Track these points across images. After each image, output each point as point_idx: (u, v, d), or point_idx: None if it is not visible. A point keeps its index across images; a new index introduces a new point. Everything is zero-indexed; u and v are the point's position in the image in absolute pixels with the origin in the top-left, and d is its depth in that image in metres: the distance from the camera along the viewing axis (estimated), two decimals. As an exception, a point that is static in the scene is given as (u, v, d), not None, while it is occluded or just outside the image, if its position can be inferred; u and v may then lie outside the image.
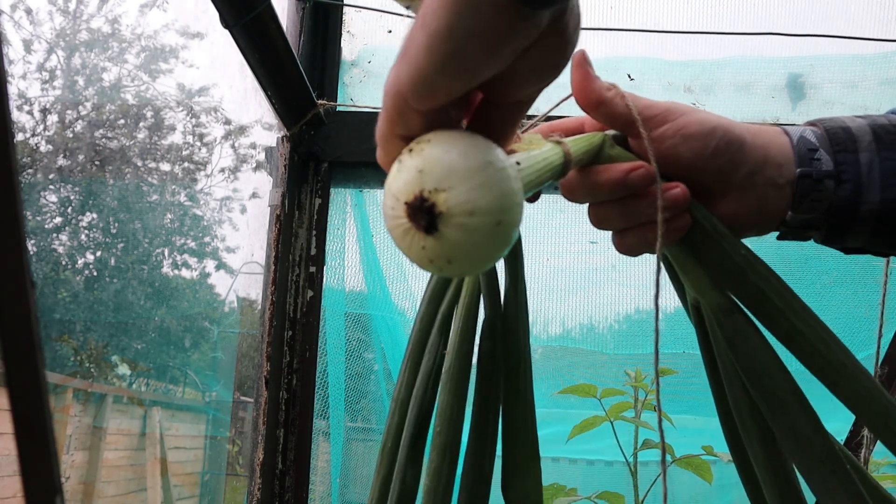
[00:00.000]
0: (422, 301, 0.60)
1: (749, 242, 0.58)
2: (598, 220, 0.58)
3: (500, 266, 0.57)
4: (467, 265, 0.40)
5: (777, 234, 0.61)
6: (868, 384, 0.52)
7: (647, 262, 0.61)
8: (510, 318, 0.57)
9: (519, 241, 0.56)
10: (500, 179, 0.39)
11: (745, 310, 0.55)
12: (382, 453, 0.58)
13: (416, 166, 0.39)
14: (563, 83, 0.49)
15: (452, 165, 0.39)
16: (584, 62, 0.57)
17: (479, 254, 0.40)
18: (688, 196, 0.54)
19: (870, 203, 0.55)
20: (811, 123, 0.59)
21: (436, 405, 0.56)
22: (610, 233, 0.61)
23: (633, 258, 0.61)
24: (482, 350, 0.56)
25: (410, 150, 0.40)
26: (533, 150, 0.49)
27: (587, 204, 0.58)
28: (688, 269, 0.57)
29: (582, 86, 0.56)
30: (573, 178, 0.56)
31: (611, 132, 0.59)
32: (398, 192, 0.39)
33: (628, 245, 0.58)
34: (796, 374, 0.55)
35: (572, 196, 0.57)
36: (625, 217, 0.56)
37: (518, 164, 0.44)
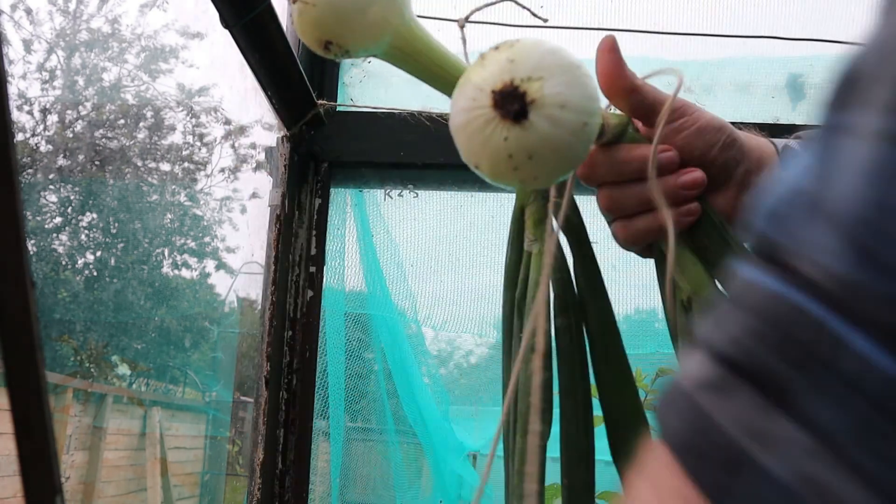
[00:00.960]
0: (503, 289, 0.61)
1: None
2: (610, 203, 0.58)
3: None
4: (544, 166, 0.40)
5: None
6: None
7: (647, 262, 0.61)
8: (584, 292, 0.58)
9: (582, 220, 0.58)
10: (588, 83, 0.40)
11: None
12: (507, 438, 0.59)
13: (506, 58, 0.39)
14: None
15: (545, 58, 0.39)
16: (615, 48, 0.56)
17: (560, 153, 0.39)
18: (705, 179, 0.56)
19: None
20: (795, 137, 0.63)
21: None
22: (609, 235, 0.61)
23: (633, 260, 0.61)
24: (557, 326, 0.57)
25: (497, 48, 0.40)
26: None
27: (596, 188, 0.59)
28: (687, 265, 0.57)
29: (613, 71, 0.56)
30: (596, 154, 0.56)
31: None
32: (484, 81, 0.39)
33: (634, 231, 0.58)
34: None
35: (592, 173, 0.57)
36: (640, 200, 0.56)
37: None
